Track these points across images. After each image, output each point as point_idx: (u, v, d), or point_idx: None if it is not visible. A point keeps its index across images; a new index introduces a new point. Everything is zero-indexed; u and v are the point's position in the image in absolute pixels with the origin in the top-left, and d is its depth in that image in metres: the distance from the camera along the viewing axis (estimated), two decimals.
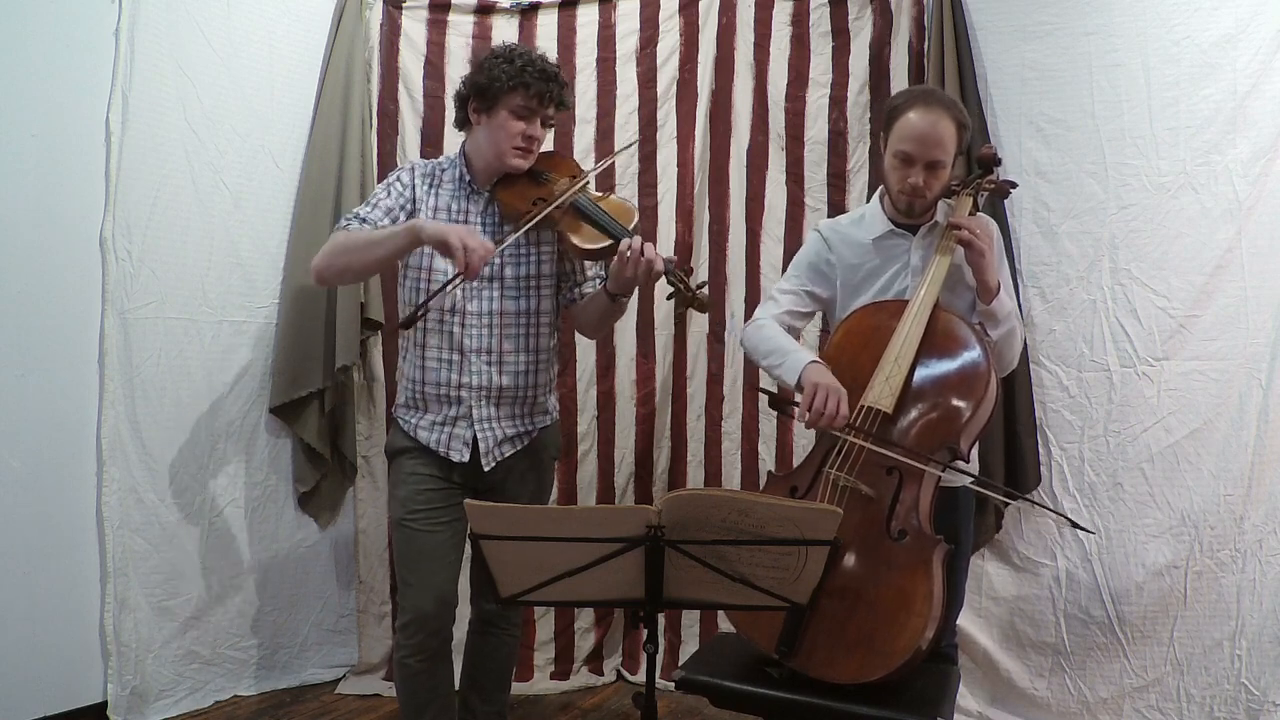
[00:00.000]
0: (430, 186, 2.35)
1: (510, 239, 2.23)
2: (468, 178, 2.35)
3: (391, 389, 3.34)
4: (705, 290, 2.23)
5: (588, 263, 2.39)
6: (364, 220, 2.28)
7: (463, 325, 2.29)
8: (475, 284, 2.27)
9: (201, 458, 3.12)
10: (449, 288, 2.22)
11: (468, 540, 2.33)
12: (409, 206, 2.33)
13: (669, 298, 2.24)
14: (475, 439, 2.32)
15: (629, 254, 2.14)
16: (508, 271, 2.31)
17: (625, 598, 1.68)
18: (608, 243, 2.22)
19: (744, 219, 3.38)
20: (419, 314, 2.21)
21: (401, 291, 2.37)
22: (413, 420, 2.35)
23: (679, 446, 3.45)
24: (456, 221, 2.32)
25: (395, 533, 2.38)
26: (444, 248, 2.09)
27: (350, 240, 2.23)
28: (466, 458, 2.31)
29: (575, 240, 2.25)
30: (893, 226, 2.32)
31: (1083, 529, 2.59)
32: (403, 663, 2.29)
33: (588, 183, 2.36)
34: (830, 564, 1.62)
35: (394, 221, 2.29)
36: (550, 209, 2.24)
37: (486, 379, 2.31)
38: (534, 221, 2.23)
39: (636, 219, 2.32)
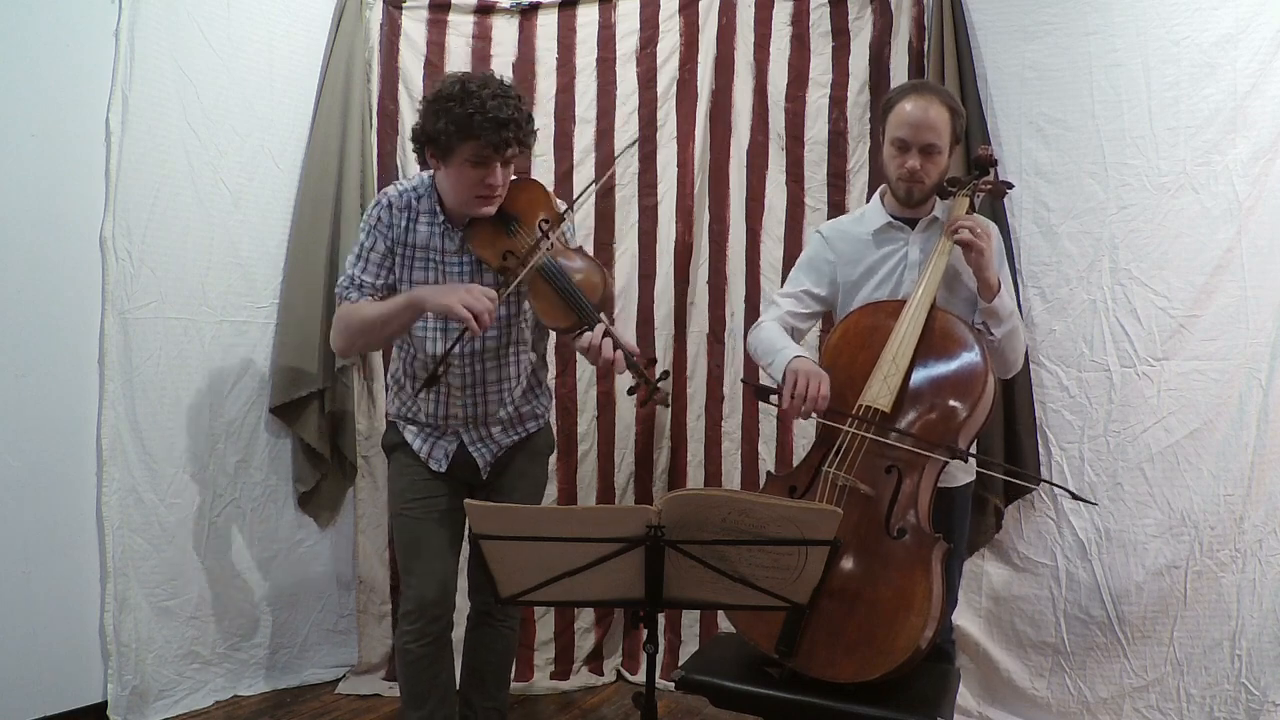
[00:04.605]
0: (408, 221, 2.29)
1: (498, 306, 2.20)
2: (441, 216, 2.28)
3: None
4: (667, 384, 2.19)
5: None
6: (360, 286, 2.27)
7: (446, 366, 2.27)
8: (455, 325, 2.23)
9: (201, 458, 3.12)
10: (461, 341, 2.23)
11: (466, 532, 2.36)
12: (395, 249, 2.29)
13: (630, 391, 2.17)
14: (456, 451, 2.36)
15: (589, 347, 2.12)
16: None
17: (625, 598, 1.68)
18: (573, 322, 2.19)
19: (744, 219, 3.38)
20: (440, 372, 2.21)
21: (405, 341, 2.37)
22: (404, 423, 2.41)
23: (679, 446, 3.44)
24: (434, 262, 2.29)
25: (395, 523, 2.43)
26: (450, 316, 2.12)
27: (357, 320, 2.25)
28: (444, 469, 2.36)
29: (543, 317, 2.23)
30: (891, 219, 2.34)
31: (1085, 500, 2.53)
32: (405, 649, 2.31)
33: (558, 239, 2.27)
34: (830, 563, 1.63)
35: (388, 273, 2.29)
36: (520, 279, 2.18)
37: (472, 410, 2.35)
38: (503, 297, 2.19)
39: (604, 288, 2.25)
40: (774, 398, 2.21)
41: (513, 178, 2.27)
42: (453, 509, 2.36)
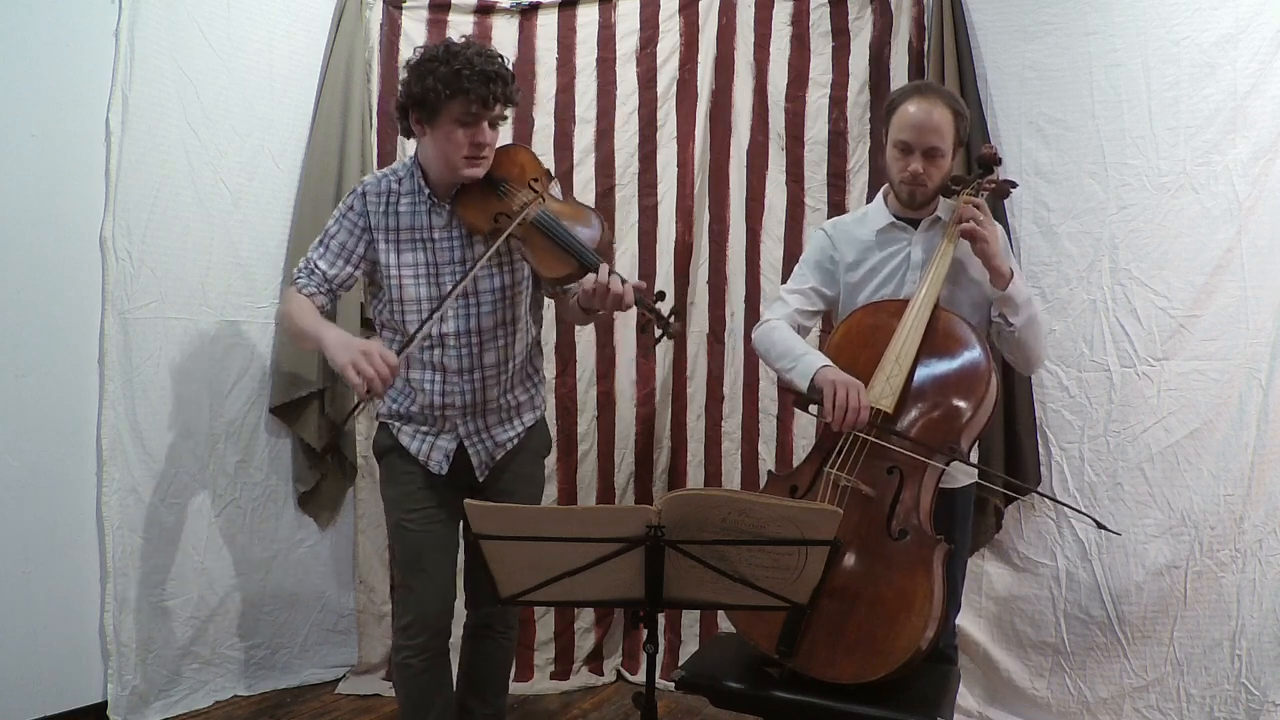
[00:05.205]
0: (386, 208, 2.23)
1: (464, 281, 2.16)
2: (426, 191, 2.22)
3: None
4: (674, 318, 2.13)
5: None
6: (313, 273, 2.24)
7: (443, 347, 2.23)
8: (451, 303, 2.19)
9: (202, 458, 3.12)
10: (357, 412, 2.16)
11: (462, 539, 2.34)
12: (366, 237, 2.24)
13: (641, 329, 2.11)
14: (456, 452, 2.29)
15: (595, 287, 2.05)
16: (482, 286, 2.23)
17: (625, 598, 1.68)
18: (573, 268, 2.12)
19: (744, 219, 3.38)
20: (355, 413, 2.14)
21: (375, 305, 2.34)
22: (398, 424, 2.33)
23: (679, 446, 3.44)
24: (422, 241, 2.23)
25: (393, 534, 2.37)
26: (342, 373, 2.05)
27: (292, 320, 2.22)
28: (444, 471, 2.29)
29: (541, 268, 2.15)
30: (894, 219, 2.33)
31: (1108, 529, 2.47)
32: (406, 664, 2.27)
33: (549, 195, 2.22)
34: (830, 564, 1.62)
35: (347, 261, 2.24)
36: (511, 229, 2.12)
37: (471, 396, 2.27)
38: (493, 248, 2.14)
39: (603, 235, 2.16)
40: (814, 408, 2.14)
41: (499, 144, 2.23)
42: (452, 516, 2.30)
